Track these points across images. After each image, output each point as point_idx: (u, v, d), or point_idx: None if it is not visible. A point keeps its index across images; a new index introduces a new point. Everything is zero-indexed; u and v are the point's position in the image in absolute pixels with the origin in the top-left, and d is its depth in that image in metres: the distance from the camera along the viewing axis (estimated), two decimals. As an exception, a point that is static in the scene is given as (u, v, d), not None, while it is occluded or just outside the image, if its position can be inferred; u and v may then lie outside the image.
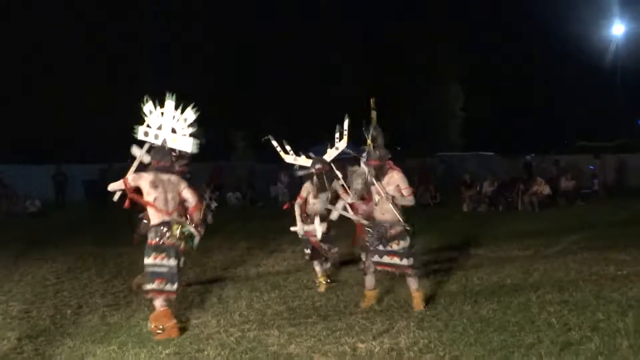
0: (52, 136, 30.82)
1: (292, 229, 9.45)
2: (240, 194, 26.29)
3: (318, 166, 9.33)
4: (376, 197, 8.08)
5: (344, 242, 9.85)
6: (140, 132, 7.75)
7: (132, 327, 7.44)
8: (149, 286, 7.19)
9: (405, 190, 8.05)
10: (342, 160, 9.42)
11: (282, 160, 9.76)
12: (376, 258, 8.06)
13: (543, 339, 6.55)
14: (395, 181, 8.03)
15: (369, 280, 8.23)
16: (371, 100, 8.36)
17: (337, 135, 9.41)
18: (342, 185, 9.24)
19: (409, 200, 8.09)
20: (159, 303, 7.18)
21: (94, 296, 9.11)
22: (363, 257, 8.33)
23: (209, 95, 27.60)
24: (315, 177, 9.31)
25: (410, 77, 39.73)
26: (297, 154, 9.65)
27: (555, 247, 12.17)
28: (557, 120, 40.21)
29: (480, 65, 39.58)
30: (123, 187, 7.32)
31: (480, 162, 29.89)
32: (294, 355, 6.36)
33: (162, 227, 7.20)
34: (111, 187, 7.43)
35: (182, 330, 7.24)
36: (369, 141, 8.11)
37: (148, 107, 7.72)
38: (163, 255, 7.16)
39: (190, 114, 7.58)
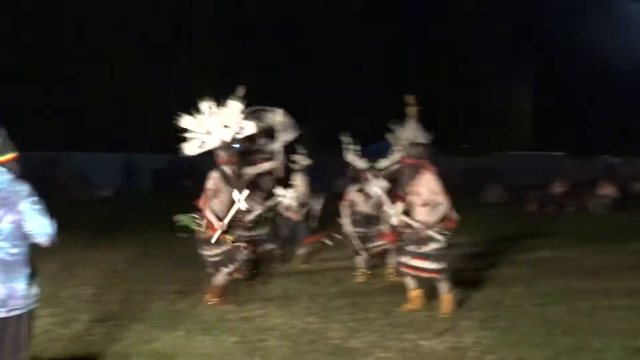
0: (123, 125, 31.52)
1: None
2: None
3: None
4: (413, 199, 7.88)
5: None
6: (192, 149, 8.02)
7: (198, 314, 7.59)
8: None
9: (438, 194, 7.70)
10: None
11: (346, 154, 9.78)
12: (405, 259, 7.82)
13: (612, 344, 6.41)
14: (427, 183, 7.76)
15: (410, 282, 8.01)
16: (408, 98, 8.24)
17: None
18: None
19: (442, 206, 7.70)
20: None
21: (162, 283, 9.31)
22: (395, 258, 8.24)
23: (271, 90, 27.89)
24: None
25: (479, 73, 39.08)
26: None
27: (626, 251, 11.87)
28: (631, 120, 38.97)
29: (553, 61, 38.61)
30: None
31: (550, 163, 29.31)
32: (355, 349, 6.38)
33: None
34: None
35: (246, 320, 7.36)
36: (403, 138, 8.10)
37: (185, 120, 7.97)
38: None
39: (234, 104, 7.91)
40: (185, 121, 8.00)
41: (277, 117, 8.96)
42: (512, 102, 41.77)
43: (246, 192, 7.90)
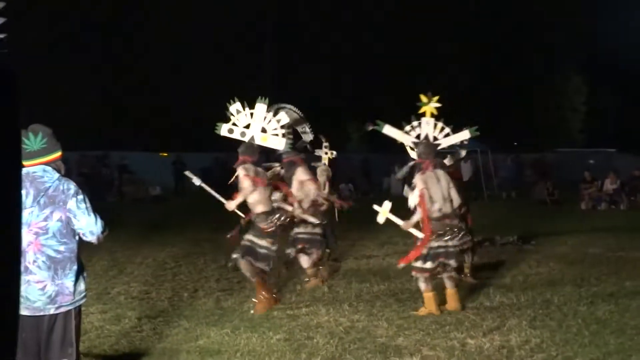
0: (172, 125, 32.01)
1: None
2: (353, 185, 26.35)
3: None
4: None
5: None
6: (223, 129, 8.33)
7: (244, 312, 7.66)
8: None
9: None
10: None
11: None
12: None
13: (663, 344, 6.27)
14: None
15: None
16: (421, 96, 8.34)
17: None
18: None
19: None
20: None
21: (209, 281, 9.43)
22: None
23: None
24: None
25: (525, 65, 38.45)
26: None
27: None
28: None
29: (604, 53, 37.74)
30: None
31: (602, 159, 28.75)
32: (402, 348, 6.36)
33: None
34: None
35: (293, 317, 7.40)
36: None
37: (235, 107, 8.29)
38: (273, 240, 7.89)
39: (284, 117, 8.23)
40: (234, 107, 8.31)
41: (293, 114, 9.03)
42: (563, 98, 40.99)
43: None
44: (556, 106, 39.99)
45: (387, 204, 7.87)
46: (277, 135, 8.23)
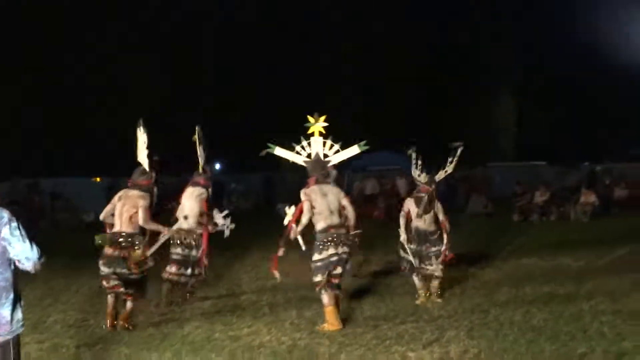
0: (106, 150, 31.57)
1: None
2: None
3: (432, 187, 9.04)
4: None
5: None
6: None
7: (185, 335, 7.60)
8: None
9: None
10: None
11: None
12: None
13: (595, 348, 6.49)
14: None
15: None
16: (309, 117, 8.70)
17: (449, 159, 9.22)
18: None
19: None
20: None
21: (149, 305, 9.30)
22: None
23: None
24: (425, 198, 8.90)
25: (459, 84, 39.22)
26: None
27: (608, 257, 11.97)
28: (610, 127, 39.25)
29: (534, 71, 38.80)
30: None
31: (532, 172, 29.48)
32: (344, 364, 6.42)
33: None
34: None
35: (235, 338, 7.38)
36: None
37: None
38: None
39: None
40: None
41: None
42: (495, 113, 41.91)
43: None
44: (487, 125, 40.86)
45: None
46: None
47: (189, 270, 9.30)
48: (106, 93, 32.54)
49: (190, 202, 9.44)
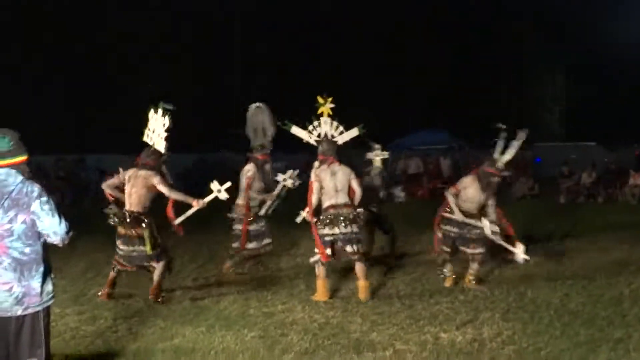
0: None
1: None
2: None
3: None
4: None
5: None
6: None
7: (220, 310, 7.68)
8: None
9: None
10: None
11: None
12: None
13: (632, 334, 6.38)
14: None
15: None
16: (318, 97, 8.90)
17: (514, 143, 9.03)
18: None
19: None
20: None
21: (186, 280, 9.43)
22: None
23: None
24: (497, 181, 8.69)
25: (502, 60, 38.55)
26: None
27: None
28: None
29: (583, 49, 37.91)
30: None
31: (580, 153, 28.90)
32: (375, 343, 6.41)
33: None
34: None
35: (269, 315, 7.43)
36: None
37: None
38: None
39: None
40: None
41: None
42: (544, 93, 41.20)
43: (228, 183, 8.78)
44: (535, 101, 40.22)
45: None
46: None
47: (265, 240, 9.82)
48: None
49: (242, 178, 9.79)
